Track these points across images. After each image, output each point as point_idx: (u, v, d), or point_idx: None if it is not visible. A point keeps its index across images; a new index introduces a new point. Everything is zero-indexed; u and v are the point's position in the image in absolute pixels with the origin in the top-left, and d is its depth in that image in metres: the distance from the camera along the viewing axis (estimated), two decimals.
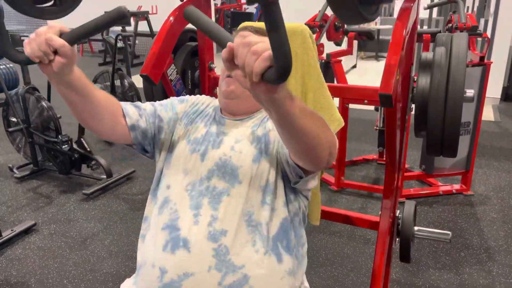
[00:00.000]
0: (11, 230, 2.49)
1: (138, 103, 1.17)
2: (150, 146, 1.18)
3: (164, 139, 1.18)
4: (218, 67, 1.31)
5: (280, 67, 0.62)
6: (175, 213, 1.08)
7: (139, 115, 1.13)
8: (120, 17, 0.83)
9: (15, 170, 3.30)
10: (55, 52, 0.86)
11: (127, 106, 1.13)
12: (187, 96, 1.28)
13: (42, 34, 0.84)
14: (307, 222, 1.23)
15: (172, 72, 1.52)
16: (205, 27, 0.75)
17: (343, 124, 1.40)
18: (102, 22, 0.85)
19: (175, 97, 1.27)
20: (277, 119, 0.78)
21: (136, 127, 1.13)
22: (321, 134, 0.87)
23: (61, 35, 0.86)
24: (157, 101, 1.22)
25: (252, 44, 0.64)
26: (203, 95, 1.31)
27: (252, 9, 10.49)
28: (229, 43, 0.67)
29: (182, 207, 1.08)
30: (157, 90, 1.63)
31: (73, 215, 2.77)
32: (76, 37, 0.86)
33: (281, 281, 1.05)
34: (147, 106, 1.18)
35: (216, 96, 1.29)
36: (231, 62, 0.68)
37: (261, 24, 1.30)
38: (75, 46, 0.89)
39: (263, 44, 0.64)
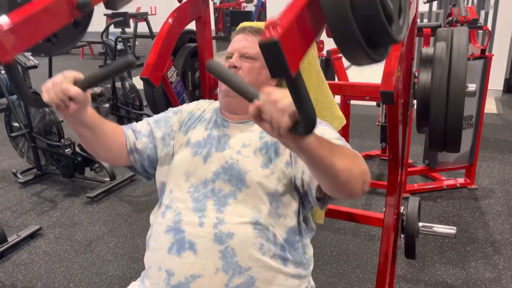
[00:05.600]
0: (17, 235, 2.50)
1: (135, 124, 1.23)
2: (149, 166, 1.22)
3: (162, 154, 1.21)
4: None
5: (305, 123, 0.67)
6: (178, 215, 1.08)
7: (135, 138, 1.19)
8: (128, 66, 0.90)
9: (19, 175, 3.31)
10: (70, 98, 0.93)
11: (127, 131, 1.19)
12: (184, 105, 1.30)
13: (58, 84, 0.91)
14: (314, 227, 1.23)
15: (172, 74, 1.51)
16: (229, 81, 0.79)
17: (344, 122, 1.40)
18: (111, 71, 0.92)
19: (172, 108, 1.29)
20: (307, 162, 0.83)
21: (133, 150, 1.19)
22: (352, 167, 0.89)
23: (75, 82, 0.93)
24: (155, 116, 1.26)
25: (277, 101, 0.68)
26: (200, 101, 1.31)
27: (251, 7, 10.47)
28: (256, 103, 0.71)
29: (185, 209, 1.08)
30: (157, 92, 1.62)
31: (78, 219, 2.78)
32: (89, 84, 0.93)
33: (286, 283, 1.05)
34: (143, 126, 1.22)
35: (216, 97, 1.29)
36: (258, 117, 0.71)
37: (260, 24, 1.29)
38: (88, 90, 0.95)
39: (287, 100, 0.67)
